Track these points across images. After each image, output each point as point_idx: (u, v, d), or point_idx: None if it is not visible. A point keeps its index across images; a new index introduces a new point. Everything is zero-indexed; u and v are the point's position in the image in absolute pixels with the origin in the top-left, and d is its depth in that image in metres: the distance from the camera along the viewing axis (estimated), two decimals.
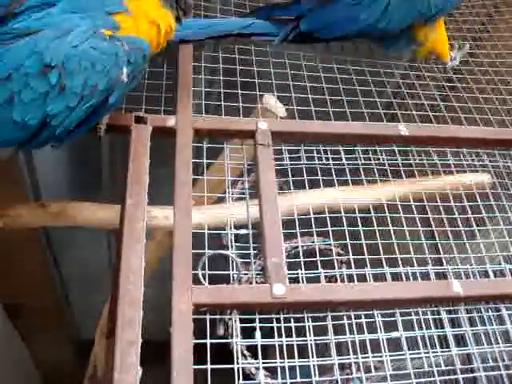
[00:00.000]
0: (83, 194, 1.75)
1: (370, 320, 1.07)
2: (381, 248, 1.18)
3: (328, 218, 1.21)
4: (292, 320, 1.04)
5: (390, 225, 1.22)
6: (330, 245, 1.50)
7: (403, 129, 1.33)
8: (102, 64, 0.99)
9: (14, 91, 0.96)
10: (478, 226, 1.28)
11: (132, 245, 1.00)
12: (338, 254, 1.51)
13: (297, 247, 1.42)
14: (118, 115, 1.26)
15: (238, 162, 1.31)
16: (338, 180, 1.29)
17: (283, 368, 0.97)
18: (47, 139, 1.03)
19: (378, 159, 1.33)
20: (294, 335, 1.01)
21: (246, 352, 1.29)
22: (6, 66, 0.96)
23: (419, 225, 1.24)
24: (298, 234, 1.21)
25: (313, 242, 1.46)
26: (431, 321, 1.09)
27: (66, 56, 0.96)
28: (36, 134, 1.00)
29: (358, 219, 1.24)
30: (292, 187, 1.30)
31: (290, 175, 1.30)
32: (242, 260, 1.16)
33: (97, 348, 2.30)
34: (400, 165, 1.35)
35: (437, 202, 1.32)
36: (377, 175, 1.32)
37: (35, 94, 0.96)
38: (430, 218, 1.27)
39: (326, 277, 1.11)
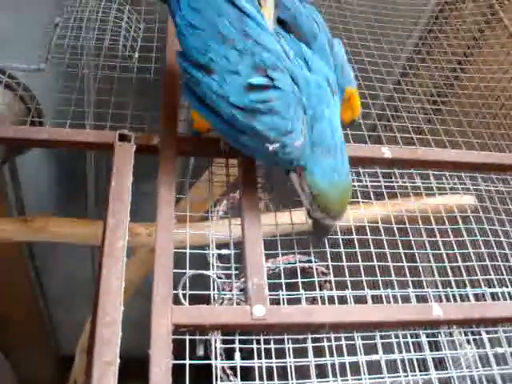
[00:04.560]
0: (68, 209, 1.74)
1: (350, 342, 1.07)
2: (362, 270, 1.18)
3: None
4: (272, 341, 1.04)
5: (372, 247, 1.23)
6: (313, 263, 1.50)
7: (387, 151, 1.34)
8: None
9: None
10: (459, 249, 1.29)
11: (112, 265, 0.99)
12: (323, 273, 1.51)
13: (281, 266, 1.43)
14: (102, 132, 1.26)
15: (222, 181, 1.32)
16: None
17: None
18: None
19: (361, 181, 1.34)
20: (273, 357, 1.01)
21: (228, 371, 1.29)
22: None
23: (400, 247, 1.25)
24: (280, 253, 1.22)
25: (296, 262, 1.46)
26: (411, 343, 1.09)
27: None
28: None
29: (340, 240, 1.24)
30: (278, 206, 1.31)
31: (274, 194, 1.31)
32: (224, 280, 1.16)
33: (77, 363, 2.28)
34: (383, 187, 1.36)
35: (419, 224, 1.32)
36: (359, 197, 1.32)
37: None
38: (412, 241, 1.28)
39: (307, 299, 1.11)
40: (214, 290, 1.09)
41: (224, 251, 1.17)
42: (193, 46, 1.06)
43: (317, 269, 1.54)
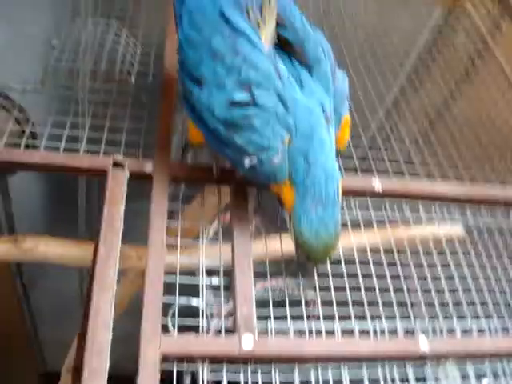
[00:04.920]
0: (58, 229, 1.74)
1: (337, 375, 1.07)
2: (350, 301, 1.19)
3: None
4: (260, 372, 1.04)
5: (360, 278, 1.24)
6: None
7: (377, 183, 1.35)
8: None
9: None
10: (447, 280, 1.30)
11: (102, 294, 1.00)
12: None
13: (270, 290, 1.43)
14: (96, 158, 1.27)
15: (214, 206, 1.33)
16: None
17: None
18: None
19: (352, 212, 1.35)
20: None
21: None
22: None
23: (389, 279, 1.26)
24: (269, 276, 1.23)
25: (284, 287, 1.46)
26: (397, 376, 1.10)
27: None
28: None
29: (329, 270, 1.25)
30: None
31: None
32: (214, 305, 1.16)
33: (62, 382, 2.26)
34: (372, 216, 1.37)
35: (407, 253, 1.34)
36: (349, 227, 1.33)
37: None
38: (400, 273, 1.29)
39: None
40: (202, 319, 1.10)
41: (214, 279, 1.18)
42: (189, 60, 1.11)
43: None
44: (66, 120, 1.42)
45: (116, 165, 1.21)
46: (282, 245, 1.23)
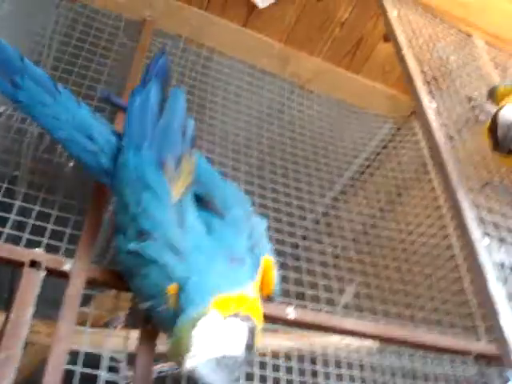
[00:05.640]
0: None
1: None
2: None
3: None
4: None
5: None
6: None
7: (291, 312, 1.39)
8: None
9: None
10: None
11: None
12: None
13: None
14: (15, 249, 1.25)
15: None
16: None
17: None
18: None
19: None
20: None
21: None
22: None
23: None
24: None
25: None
26: None
27: None
28: None
29: None
30: None
31: None
32: None
33: None
34: None
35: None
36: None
37: None
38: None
39: None
40: None
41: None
42: (114, 206, 1.24)
43: None
44: None
45: (33, 264, 1.20)
46: None
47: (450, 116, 1.65)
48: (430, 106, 1.63)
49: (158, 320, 1.12)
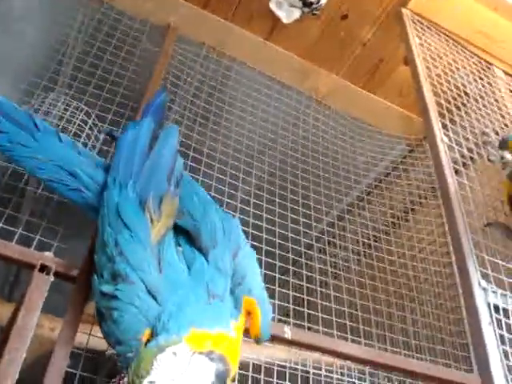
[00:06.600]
0: None
1: None
2: None
3: None
4: None
5: None
6: None
7: (288, 331, 1.42)
8: None
9: None
10: None
11: None
12: None
13: None
14: (27, 252, 1.29)
15: None
16: None
17: None
18: None
19: None
20: None
21: None
22: None
23: None
24: None
25: None
26: None
27: None
28: None
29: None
30: None
31: None
32: None
33: None
34: None
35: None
36: None
37: None
38: None
39: None
40: None
41: None
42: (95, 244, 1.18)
43: None
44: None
45: (42, 269, 1.24)
46: None
47: (461, 150, 1.67)
48: (442, 138, 1.64)
49: (124, 364, 1.06)
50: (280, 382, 1.53)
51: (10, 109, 1.30)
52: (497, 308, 1.33)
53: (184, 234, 1.24)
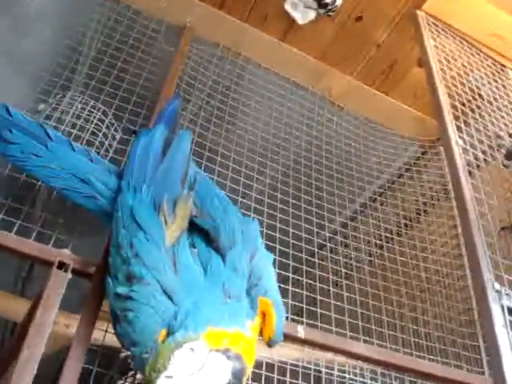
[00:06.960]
0: None
1: None
2: None
3: None
4: None
5: None
6: None
7: (301, 331, 1.44)
8: None
9: None
10: None
11: None
12: None
13: None
14: (46, 248, 1.31)
15: None
16: None
17: None
18: None
19: None
20: None
21: None
22: None
23: None
24: None
25: None
26: None
27: None
28: None
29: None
30: None
31: None
32: None
33: None
34: None
35: None
36: None
37: None
38: None
39: None
40: None
41: None
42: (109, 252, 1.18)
43: None
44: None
45: (60, 266, 1.26)
46: None
47: (475, 153, 1.67)
48: (457, 141, 1.65)
49: (138, 365, 1.06)
50: (293, 381, 1.55)
51: (21, 120, 1.31)
52: (510, 310, 1.33)
53: (199, 234, 1.24)
